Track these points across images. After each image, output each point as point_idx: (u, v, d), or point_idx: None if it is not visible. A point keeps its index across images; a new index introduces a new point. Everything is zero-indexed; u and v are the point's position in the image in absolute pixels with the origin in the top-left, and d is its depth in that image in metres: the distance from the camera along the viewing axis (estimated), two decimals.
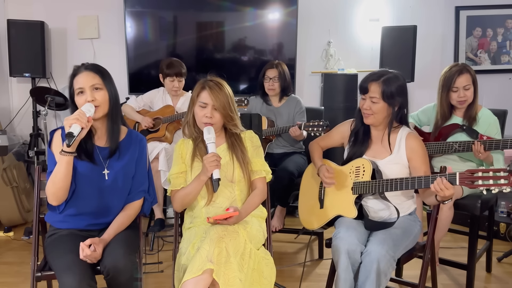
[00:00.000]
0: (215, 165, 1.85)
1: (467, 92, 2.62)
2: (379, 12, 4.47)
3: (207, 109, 1.97)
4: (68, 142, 1.68)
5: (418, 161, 2.07)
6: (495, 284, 2.80)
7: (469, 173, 1.83)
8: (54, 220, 1.95)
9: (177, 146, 2.09)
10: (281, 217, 3.11)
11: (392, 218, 2.09)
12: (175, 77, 3.29)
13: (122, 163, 1.92)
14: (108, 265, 1.74)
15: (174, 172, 2.03)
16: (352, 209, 2.09)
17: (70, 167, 1.78)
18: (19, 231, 3.67)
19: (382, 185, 2.02)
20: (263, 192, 2.05)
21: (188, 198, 1.98)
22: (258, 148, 2.10)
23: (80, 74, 1.87)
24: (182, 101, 3.44)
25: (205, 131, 1.94)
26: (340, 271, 1.94)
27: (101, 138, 1.93)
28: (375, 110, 2.06)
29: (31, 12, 4.38)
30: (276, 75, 3.25)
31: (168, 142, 3.33)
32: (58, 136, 1.88)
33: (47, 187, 1.82)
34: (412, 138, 2.09)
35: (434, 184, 1.86)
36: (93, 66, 1.91)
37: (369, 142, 2.17)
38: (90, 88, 1.84)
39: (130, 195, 1.97)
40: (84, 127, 1.74)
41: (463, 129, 2.65)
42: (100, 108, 1.85)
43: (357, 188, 2.09)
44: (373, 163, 2.08)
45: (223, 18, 4.36)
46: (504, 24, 4.51)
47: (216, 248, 1.70)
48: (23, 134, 4.44)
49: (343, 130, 2.28)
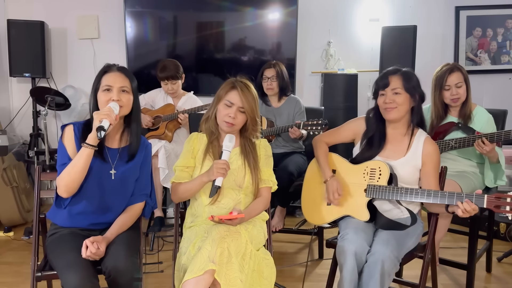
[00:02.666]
0: (222, 173, 1.85)
1: (460, 90, 2.63)
2: (379, 12, 4.47)
3: (232, 109, 1.97)
4: (100, 136, 1.73)
5: (431, 167, 2.06)
6: (495, 284, 2.80)
7: (496, 197, 1.83)
8: (56, 217, 1.95)
9: (190, 139, 2.08)
10: (281, 217, 3.12)
11: (405, 219, 2.07)
12: (167, 81, 3.31)
13: (128, 166, 1.95)
14: (109, 266, 1.74)
15: (180, 165, 2.03)
16: (364, 212, 2.06)
17: (89, 159, 1.81)
18: (19, 231, 3.67)
19: (401, 193, 1.99)
20: (267, 201, 2.06)
21: (188, 193, 1.99)
22: (269, 158, 2.10)
23: (111, 73, 1.92)
24: (183, 101, 3.44)
25: (226, 138, 1.93)
26: (346, 272, 1.91)
27: (112, 138, 1.96)
28: (399, 101, 2.06)
29: (31, 12, 4.38)
30: (273, 74, 3.25)
31: (168, 140, 3.33)
32: (70, 130, 1.90)
33: (60, 178, 1.83)
34: (430, 143, 2.09)
35: (465, 205, 1.83)
36: (125, 70, 1.97)
37: (385, 142, 2.14)
38: (119, 88, 1.88)
39: (132, 197, 1.98)
40: (112, 123, 1.78)
41: (459, 127, 2.65)
42: (122, 110, 1.88)
43: (371, 191, 2.06)
44: (390, 168, 2.06)
45: (223, 18, 4.36)
46: (504, 24, 4.51)
47: (218, 249, 1.70)
48: (23, 134, 4.44)
49: (356, 128, 2.23)
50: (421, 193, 1.95)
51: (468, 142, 2.55)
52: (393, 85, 2.06)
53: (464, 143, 2.56)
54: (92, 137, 1.78)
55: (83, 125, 1.92)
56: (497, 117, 2.78)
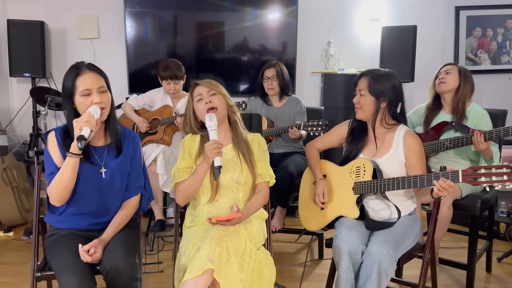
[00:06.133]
0: (216, 153, 1.85)
1: (448, 76, 2.68)
2: (379, 12, 4.47)
3: (204, 97, 2.00)
4: (81, 146, 1.70)
5: (415, 160, 2.07)
6: (495, 284, 2.80)
7: (472, 170, 1.83)
8: (54, 220, 1.95)
9: (184, 141, 2.09)
10: (281, 217, 3.12)
11: (393, 218, 2.09)
12: (170, 80, 3.27)
13: (118, 161, 1.93)
14: (107, 266, 1.74)
15: (180, 167, 2.03)
16: (354, 210, 2.09)
17: (76, 168, 1.79)
18: (19, 231, 3.67)
19: (384, 185, 2.02)
20: (265, 196, 2.06)
21: (191, 188, 1.96)
22: (264, 152, 2.11)
23: (85, 75, 1.85)
24: (183, 103, 3.42)
25: (207, 118, 1.95)
26: (341, 271, 1.94)
27: (96, 137, 1.93)
28: (362, 103, 2.11)
29: (31, 12, 4.38)
30: (274, 74, 3.26)
31: (167, 144, 3.30)
32: (53, 137, 1.87)
33: (50, 188, 1.81)
34: (410, 136, 2.09)
35: (440, 182, 1.84)
36: (95, 67, 1.90)
37: (365, 140, 2.18)
38: (98, 90, 1.84)
39: (127, 191, 1.97)
40: (93, 130, 1.75)
41: (452, 126, 2.65)
42: (105, 110, 1.85)
43: (358, 188, 2.09)
44: (373, 163, 2.08)
45: (223, 18, 4.36)
46: (504, 24, 4.51)
47: (217, 248, 1.70)
48: (23, 134, 4.44)
49: (341, 131, 2.29)
50: (402, 182, 1.98)
51: (463, 141, 2.54)
52: (359, 86, 2.14)
53: (459, 142, 2.55)
54: (74, 146, 1.74)
55: (62, 131, 1.88)
56: (497, 117, 2.77)
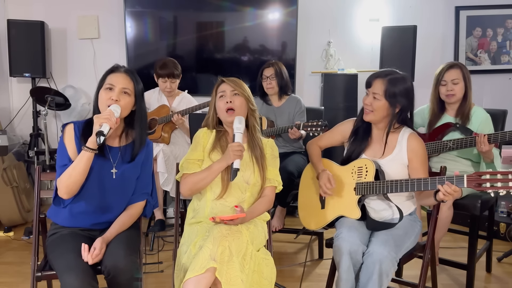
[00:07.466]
0: (239, 155, 1.88)
1: (455, 87, 2.62)
2: (379, 12, 4.47)
3: (227, 95, 2.02)
4: (99, 141, 1.72)
5: (418, 163, 2.06)
6: (495, 284, 2.80)
7: (477, 175, 1.82)
8: (57, 217, 1.95)
9: (200, 134, 2.09)
10: (281, 217, 3.12)
11: (395, 219, 2.08)
12: (167, 78, 3.28)
13: (129, 164, 1.95)
14: (108, 265, 1.74)
15: (191, 158, 2.02)
16: (355, 210, 2.08)
17: (89, 163, 1.81)
18: (19, 231, 3.67)
19: (387, 186, 2.00)
20: (270, 201, 2.06)
21: (202, 183, 1.96)
22: (276, 159, 2.13)
23: (117, 73, 1.92)
24: (178, 101, 3.43)
25: (236, 120, 1.97)
26: (342, 271, 1.93)
27: (113, 137, 1.95)
28: (376, 107, 2.04)
29: (31, 12, 4.38)
30: (272, 73, 3.26)
31: (166, 142, 3.32)
32: (71, 130, 1.89)
33: (60, 180, 1.82)
34: (413, 139, 2.08)
35: (445, 187, 1.83)
36: (132, 72, 1.96)
37: (369, 140, 2.15)
38: (120, 89, 1.88)
39: (133, 195, 1.98)
40: (112, 127, 1.78)
41: (456, 128, 2.65)
42: (122, 111, 1.87)
43: (360, 189, 2.08)
44: (376, 164, 2.07)
45: (223, 18, 4.36)
46: (504, 24, 4.51)
47: (220, 247, 1.70)
48: (23, 134, 4.44)
49: (344, 129, 2.25)
50: (405, 184, 1.96)
51: (465, 143, 2.55)
52: (374, 89, 2.05)
53: (462, 144, 2.55)
54: (92, 141, 1.77)
55: (84, 124, 1.91)
56: (497, 117, 2.78)
